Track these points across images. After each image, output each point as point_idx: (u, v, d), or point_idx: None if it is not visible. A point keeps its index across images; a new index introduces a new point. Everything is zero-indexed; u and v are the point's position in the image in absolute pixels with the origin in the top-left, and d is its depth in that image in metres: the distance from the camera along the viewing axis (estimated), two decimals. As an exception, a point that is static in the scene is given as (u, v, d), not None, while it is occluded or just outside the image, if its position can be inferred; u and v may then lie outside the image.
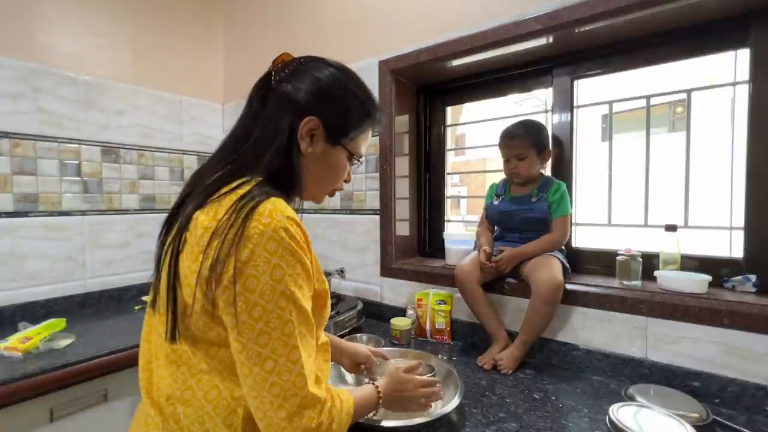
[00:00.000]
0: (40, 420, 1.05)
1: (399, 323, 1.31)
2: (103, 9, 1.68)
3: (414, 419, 0.78)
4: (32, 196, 1.48)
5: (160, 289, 0.60)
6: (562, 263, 1.15)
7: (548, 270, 1.09)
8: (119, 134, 1.72)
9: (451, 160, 1.72)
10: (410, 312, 1.39)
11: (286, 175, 0.64)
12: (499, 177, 1.37)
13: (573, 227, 1.28)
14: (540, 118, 1.33)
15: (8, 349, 1.09)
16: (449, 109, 1.67)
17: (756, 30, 1.02)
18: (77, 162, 1.60)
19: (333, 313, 1.34)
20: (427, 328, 1.34)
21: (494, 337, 1.17)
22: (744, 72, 1.07)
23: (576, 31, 1.13)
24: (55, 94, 1.53)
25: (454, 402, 0.83)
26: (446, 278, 1.38)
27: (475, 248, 1.38)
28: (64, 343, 1.18)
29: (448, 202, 1.69)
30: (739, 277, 1.03)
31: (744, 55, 1.06)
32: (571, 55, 1.28)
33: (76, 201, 1.60)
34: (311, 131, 0.65)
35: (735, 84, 1.11)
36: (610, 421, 0.77)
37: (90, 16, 1.65)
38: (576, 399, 0.94)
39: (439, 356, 1.14)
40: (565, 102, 1.32)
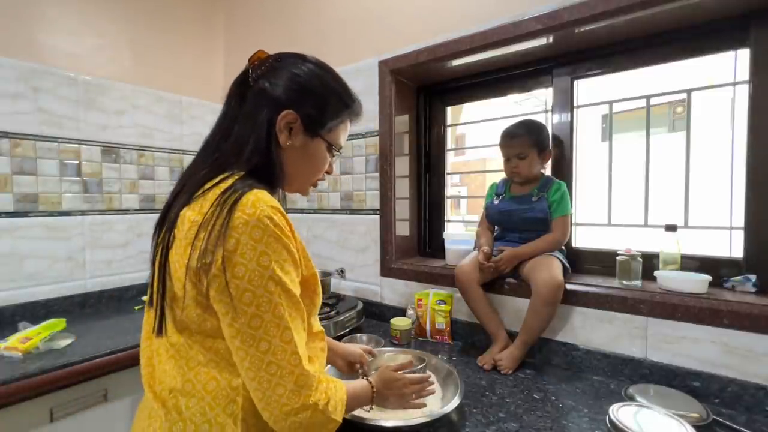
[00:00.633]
0: (40, 420, 1.05)
1: (399, 323, 1.31)
2: (103, 9, 1.68)
3: (414, 419, 0.78)
4: (32, 196, 1.48)
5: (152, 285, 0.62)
6: (562, 263, 1.15)
7: (548, 270, 1.09)
8: (119, 134, 1.72)
9: (451, 160, 1.72)
10: (410, 312, 1.39)
11: (267, 169, 0.65)
12: (499, 177, 1.37)
13: (573, 227, 1.28)
14: (540, 118, 1.33)
15: (8, 349, 1.09)
16: (449, 109, 1.67)
17: (756, 30, 1.02)
18: (77, 162, 1.60)
19: (333, 313, 1.34)
20: (427, 328, 1.34)
21: (494, 337, 1.17)
22: (744, 72, 1.07)
23: (576, 31, 1.13)
24: (55, 94, 1.53)
25: (454, 402, 0.83)
26: (446, 278, 1.38)
27: (475, 248, 1.38)
28: (64, 343, 1.18)
29: (448, 202, 1.69)
30: (739, 277, 1.03)
31: (744, 55, 1.06)
32: (571, 55, 1.28)
33: (76, 201, 1.59)
34: (289, 124, 0.67)
35: (735, 84, 1.11)
36: (610, 421, 0.77)
37: (90, 16, 1.65)
38: (576, 399, 0.94)
39: (439, 356, 1.14)
40: (565, 102, 1.32)
